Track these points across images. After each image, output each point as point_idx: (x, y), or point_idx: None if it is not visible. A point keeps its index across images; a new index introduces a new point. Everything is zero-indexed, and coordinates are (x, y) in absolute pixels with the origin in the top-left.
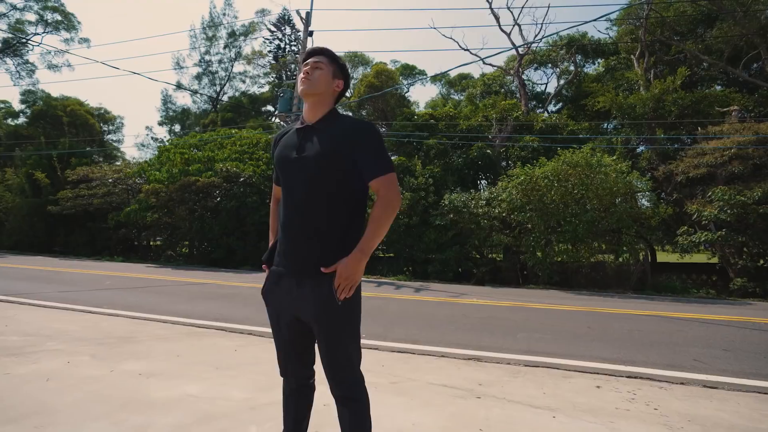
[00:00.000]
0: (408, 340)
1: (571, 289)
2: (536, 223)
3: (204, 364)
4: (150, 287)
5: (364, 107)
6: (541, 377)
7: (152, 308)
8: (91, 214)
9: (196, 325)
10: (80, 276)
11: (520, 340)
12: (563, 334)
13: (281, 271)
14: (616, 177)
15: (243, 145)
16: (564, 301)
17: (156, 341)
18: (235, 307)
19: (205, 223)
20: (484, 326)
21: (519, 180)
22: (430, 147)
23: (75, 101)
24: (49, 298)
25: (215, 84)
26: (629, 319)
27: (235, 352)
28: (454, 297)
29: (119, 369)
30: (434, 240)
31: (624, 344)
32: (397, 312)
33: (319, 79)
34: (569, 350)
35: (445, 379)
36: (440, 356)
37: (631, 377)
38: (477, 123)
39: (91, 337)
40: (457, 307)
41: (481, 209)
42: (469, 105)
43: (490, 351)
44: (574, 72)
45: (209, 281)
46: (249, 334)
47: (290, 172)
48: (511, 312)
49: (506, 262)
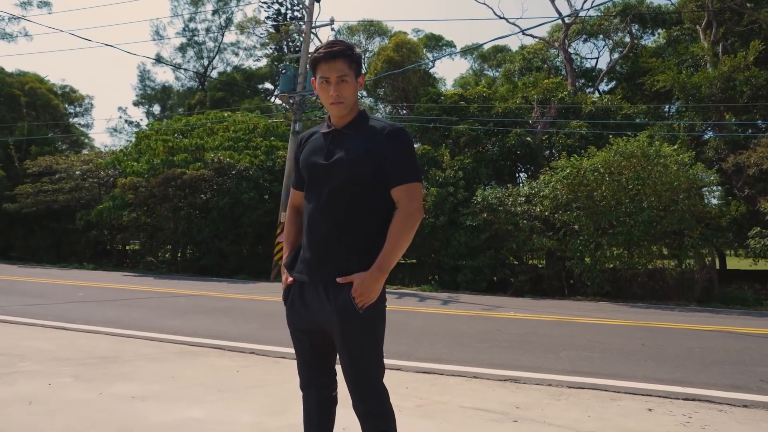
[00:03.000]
0: (435, 359)
1: (625, 301)
2: (584, 223)
3: (203, 386)
4: (130, 300)
5: (381, 86)
6: (586, 400)
7: (135, 324)
8: (56, 212)
9: (189, 343)
10: (47, 287)
11: (563, 360)
12: (613, 352)
13: (304, 278)
14: (677, 170)
15: (237, 130)
16: (615, 315)
17: (144, 361)
18: (232, 323)
19: (193, 224)
20: (522, 344)
21: (564, 173)
22: (459, 134)
23: (34, 77)
24: (13, 312)
25: (202, 57)
26: (690, 335)
27: (237, 373)
28: (488, 310)
29: (108, 392)
30: (465, 243)
31: (682, 363)
32: (421, 327)
33: (348, 95)
34: (619, 370)
35: (477, 402)
36: (472, 377)
37: (689, 399)
38: (515, 105)
39: (70, 356)
40: (491, 321)
41: (520, 207)
42: (505, 84)
43: (529, 371)
44: (629, 45)
45: (199, 293)
46: (251, 353)
47: (318, 179)
48: (554, 327)
49: (549, 269)
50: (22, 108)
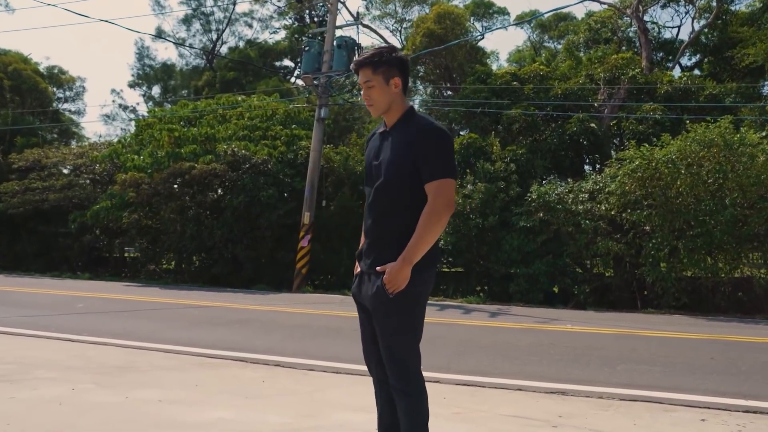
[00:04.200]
0: (477, 372)
1: (706, 314)
2: (657, 224)
3: (229, 393)
4: (137, 311)
5: (421, 63)
6: (636, 410)
7: (147, 336)
8: (46, 214)
9: (208, 355)
10: (42, 297)
11: (619, 373)
12: (677, 366)
13: (362, 266)
14: (765, 160)
15: (253, 117)
16: (689, 329)
17: (163, 371)
18: (253, 335)
19: (203, 226)
20: (576, 357)
21: (632, 165)
22: (512, 119)
23: (18, 57)
24: (11, 323)
25: (210, 30)
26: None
27: (262, 383)
28: (542, 323)
29: (134, 396)
30: (518, 248)
31: (752, 377)
32: (463, 340)
33: (378, 98)
34: (679, 384)
35: (518, 411)
36: (516, 389)
37: (749, 412)
38: (578, 86)
39: (84, 366)
40: (543, 334)
41: (582, 205)
42: (568, 59)
43: (579, 384)
44: (715, 11)
45: (213, 304)
46: (276, 366)
47: (371, 178)
48: (615, 341)
49: (617, 278)
50: (6, 93)
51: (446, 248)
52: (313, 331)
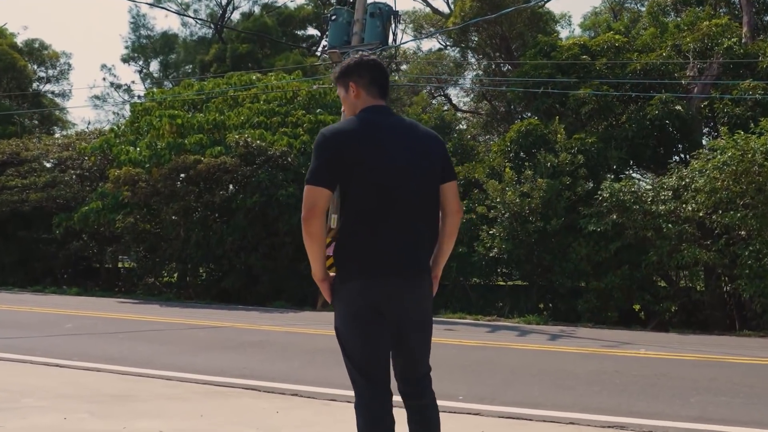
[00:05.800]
0: (525, 403)
1: None
2: (755, 228)
3: (238, 425)
4: (135, 332)
5: (472, 31)
6: None
7: (146, 361)
8: (26, 216)
9: (216, 383)
10: (24, 316)
11: (692, 406)
12: (763, 397)
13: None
14: None
15: (271, 100)
16: None
17: (165, 401)
18: (268, 361)
19: (211, 231)
20: (644, 387)
21: (724, 157)
22: (580, 101)
23: None
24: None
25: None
26: None
27: (276, 414)
28: (610, 347)
29: (132, 427)
30: (587, 258)
31: None
32: (514, 367)
33: (345, 108)
34: (762, 417)
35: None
36: (568, 423)
37: None
38: (662, 59)
39: (76, 393)
40: (609, 360)
41: (664, 206)
42: (650, 27)
43: (642, 418)
44: None
45: (222, 324)
46: (293, 395)
47: None
48: (693, 368)
49: (709, 293)
50: None
51: (500, 257)
52: (336, 356)
